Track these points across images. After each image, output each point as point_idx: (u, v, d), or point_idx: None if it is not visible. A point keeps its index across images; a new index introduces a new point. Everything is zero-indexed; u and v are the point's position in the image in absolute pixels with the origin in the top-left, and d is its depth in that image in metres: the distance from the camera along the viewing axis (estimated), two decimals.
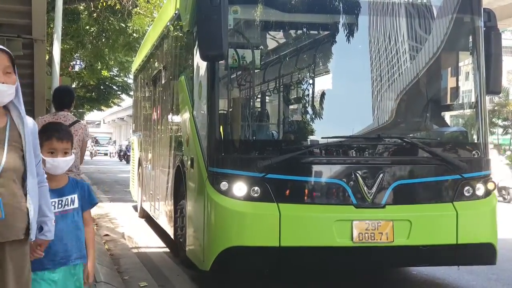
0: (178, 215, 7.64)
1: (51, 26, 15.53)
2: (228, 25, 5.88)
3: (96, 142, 65.72)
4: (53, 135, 3.29)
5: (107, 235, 10.39)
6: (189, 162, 6.78)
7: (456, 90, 7.12)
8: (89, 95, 32.69)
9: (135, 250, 9.28)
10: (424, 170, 6.28)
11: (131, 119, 17.69)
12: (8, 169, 2.67)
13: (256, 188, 5.71)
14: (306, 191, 6.03)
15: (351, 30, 6.35)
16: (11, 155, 2.70)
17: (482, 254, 6.14)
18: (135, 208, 13.77)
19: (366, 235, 5.69)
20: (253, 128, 6.64)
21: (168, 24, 9.13)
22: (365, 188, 5.77)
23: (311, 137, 6.43)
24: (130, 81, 27.16)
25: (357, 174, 5.81)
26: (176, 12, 8.18)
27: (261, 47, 6.78)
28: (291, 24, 6.76)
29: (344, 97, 6.51)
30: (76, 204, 3.29)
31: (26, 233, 2.74)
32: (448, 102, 7.23)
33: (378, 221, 5.74)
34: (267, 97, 7.02)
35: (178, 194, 7.70)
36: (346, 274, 7.08)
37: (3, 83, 2.69)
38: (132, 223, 12.18)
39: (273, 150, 6.16)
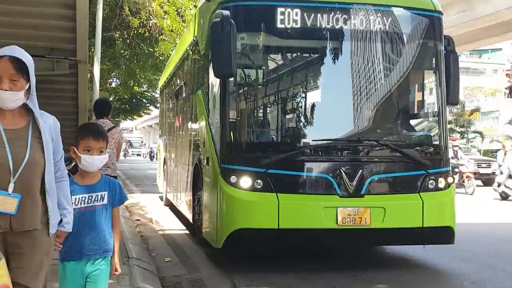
0: (196, 204, 7.63)
1: (92, 50, 15.60)
2: (236, 49, 5.91)
3: (130, 144, 65.45)
4: (90, 135, 3.07)
5: (138, 220, 10.43)
6: (205, 161, 6.75)
7: (422, 102, 7.20)
8: (123, 106, 32.71)
9: (161, 232, 9.30)
10: (395, 166, 6.37)
11: (158, 126, 17.56)
12: (32, 164, 2.50)
13: (259, 181, 5.83)
14: (299, 183, 6.17)
15: (336, 53, 6.42)
16: (34, 151, 2.53)
17: (443, 235, 6.30)
18: (161, 198, 13.69)
19: (348, 219, 5.84)
20: (256, 132, 6.76)
21: (188, 49, 9.09)
22: (348, 181, 5.91)
23: (303, 140, 6.48)
24: (157, 95, 27.24)
25: (341, 170, 5.94)
26: (194, 39, 8.17)
27: (263, 67, 6.80)
28: (287, 48, 6.83)
29: (331, 107, 6.60)
30: (106, 201, 3.03)
31: (46, 226, 2.56)
32: (416, 112, 7.31)
33: (358, 208, 5.88)
34: (268, 108, 7.08)
35: (196, 186, 7.65)
36: (330, 253, 7.09)
37: (6, 90, 2.46)
38: (158, 210, 12.17)
39: (273, 150, 6.29)
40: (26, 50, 2.68)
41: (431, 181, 6.28)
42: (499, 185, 15.24)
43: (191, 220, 8.27)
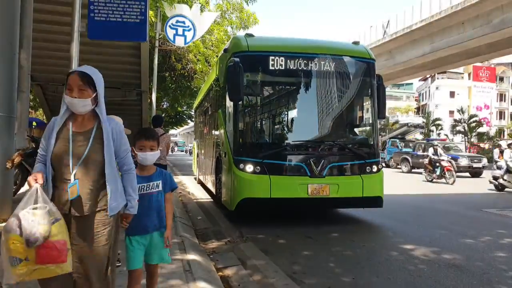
0: (217, 182, 7.72)
1: (151, 84, 15.66)
2: (243, 82, 6.13)
3: (176, 144, 65.13)
4: (142, 136, 2.81)
5: (180, 192, 10.37)
6: (223, 154, 6.87)
7: (362, 117, 7.24)
8: (171, 120, 32.59)
9: (195, 200, 9.28)
10: (345, 158, 6.47)
11: (193, 133, 17.50)
12: (88, 159, 2.15)
13: (258, 167, 6.02)
14: (283, 169, 6.20)
15: (307, 85, 6.58)
16: (93, 148, 2.17)
17: (376, 202, 6.46)
18: (195, 179, 13.64)
19: (315, 191, 6.04)
20: (256, 136, 6.85)
21: (212, 83, 9.13)
22: (314, 168, 6.08)
23: (286, 141, 6.62)
24: (192, 113, 27.31)
25: (310, 160, 6.12)
26: (216, 76, 8.24)
27: (260, 94, 6.95)
28: (275, 82, 7.00)
29: (304, 121, 6.71)
30: (160, 188, 2.75)
31: (105, 210, 2.17)
32: (359, 123, 7.32)
33: (321, 184, 6.08)
34: (263, 121, 7.10)
35: (217, 171, 7.73)
36: (301, 216, 7.14)
37: (75, 97, 2.16)
38: (193, 186, 12.16)
39: (266, 148, 6.41)
40: (107, 84, 2.59)
41: (367, 167, 6.43)
42: (496, 178, 12.46)
43: (214, 193, 8.35)
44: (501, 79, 60.50)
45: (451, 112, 53.85)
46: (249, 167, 6.03)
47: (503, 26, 20.42)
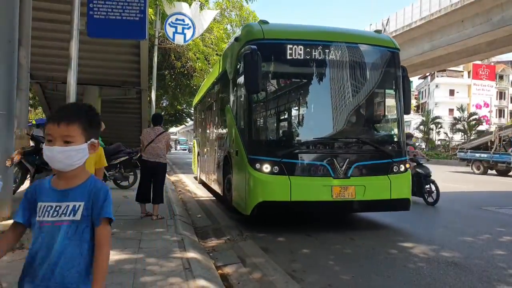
0: (226, 183, 7.07)
1: (150, 82, 15.65)
2: (261, 72, 5.50)
3: (178, 142, 64.74)
4: (50, 118, 1.48)
5: (180, 190, 10.39)
6: (235, 153, 6.25)
7: (388, 112, 6.74)
8: (170, 119, 32.60)
9: (195, 198, 9.26)
10: (371, 156, 5.91)
11: (192, 131, 17.28)
12: None
13: (276, 167, 5.43)
14: (304, 169, 5.64)
15: (328, 77, 5.91)
16: None
17: (404, 204, 5.94)
18: (194, 178, 13.48)
19: (340, 194, 5.48)
20: (273, 133, 6.38)
21: (217, 77, 8.58)
22: (338, 167, 5.53)
23: (307, 138, 5.89)
24: (192, 111, 27.32)
25: (334, 159, 5.56)
26: (222, 70, 7.88)
27: (277, 85, 6.43)
28: (293, 73, 6.26)
29: (327, 115, 5.93)
30: (78, 216, 1.45)
31: None
32: (384, 119, 6.81)
33: (346, 186, 5.52)
34: (282, 116, 6.61)
35: (225, 170, 7.16)
36: (324, 219, 6.81)
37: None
38: (193, 185, 12.11)
39: (285, 146, 5.76)
40: (107, 82, 2.66)
41: (395, 166, 5.90)
42: None
43: (221, 193, 7.74)
44: (501, 77, 60.49)
45: (451, 110, 53.87)
46: (266, 167, 5.44)
47: (503, 24, 20.39)
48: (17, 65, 4.74)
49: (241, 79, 6.07)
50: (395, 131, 6.55)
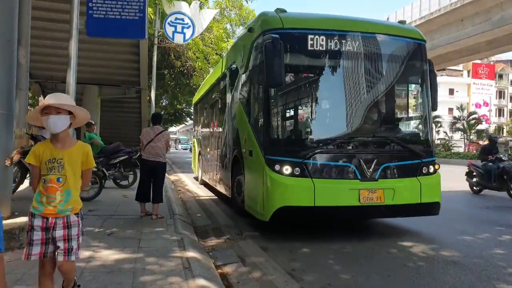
0: (236, 185, 6.58)
1: (150, 81, 15.66)
2: (284, 63, 5.02)
3: (179, 141, 64.45)
4: None
5: (180, 190, 10.39)
6: (248, 153, 5.80)
7: (416, 109, 6.41)
8: (170, 118, 32.62)
9: (195, 198, 9.25)
10: (400, 157, 5.44)
11: (192, 130, 17.04)
12: None
13: (297, 168, 4.96)
14: (329, 170, 5.13)
15: (353, 70, 5.43)
16: None
17: (434, 209, 5.50)
18: (195, 178, 13.33)
19: (367, 198, 5.02)
20: (294, 131, 5.80)
21: (225, 71, 8.06)
22: (366, 169, 5.09)
23: (331, 137, 5.29)
24: (192, 110, 27.35)
25: (360, 160, 5.12)
26: (230, 64, 7.43)
27: (297, 80, 5.87)
28: (315, 66, 5.56)
29: (352, 111, 5.45)
30: None
31: None
32: (412, 116, 6.55)
33: (374, 189, 5.06)
34: (303, 112, 5.93)
35: (234, 172, 6.73)
36: (346, 225, 6.31)
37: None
38: (193, 184, 12.10)
39: (307, 145, 5.22)
40: (107, 82, 2.65)
41: (424, 167, 5.48)
42: None
43: (228, 195, 7.32)
44: (500, 76, 60.53)
45: (450, 110, 53.89)
46: (287, 169, 4.97)
47: (503, 23, 20.40)
48: (16, 64, 4.73)
49: (256, 73, 5.74)
50: (424, 129, 6.08)
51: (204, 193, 9.99)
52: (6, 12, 4.53)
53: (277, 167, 5.01)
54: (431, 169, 5.56)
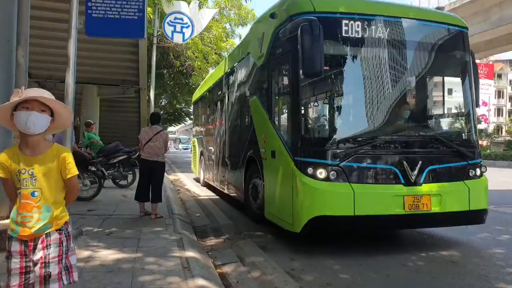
0: (253, 189, 6.04)
1: (149, 81, 15.64)
2: (323, 50, 4.35)
3: (180, 141, 64.18)
4: None
5: (178, 189, 10.37)
6: (269, 154, 5.26)
7: (460, 105, 5.54)
8: (169, 117, 32.60)
9: (194, 197, 9.26)
10: (446, 158, 4.87)
11: (191, 130, 16.77)
12: None
13: (333, 172, 4.35)
14: (369, 174, 4.55)
15: (392, 60, 4.86)
16: None
17: (481, 216, 4.91)
18: (195, 179, 13.07)
19: (413, 205, 4.44)
20: (329, 129, 5.01)
21: (235, 65, 7.46)
22: (410, 171, 4.49)
23: (371, 135, 4.67)
24: (191, 110, 27.36)
25: (403, 162, 4.51)
26: (243, 58, 6.83)
27: (330, 71, 5.09)
28: (351, 55, 4.84)
29: (393, 107, 4.93)
30: None
31: None
32: (457, 113, 5.87)
33: (420, 195, 4.49)
34: (337, 107, 5.05)
35: (248, 174, 6.24)
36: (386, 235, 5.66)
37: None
38: (192, 184, 12.09)
39: (344, 145, 4.54)
40: (106, 81, 2.61)
41: (471, 170, 4.93)
42: None
43: (241, 200, 6.80)
44: (499, 76, 60.59)
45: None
46: (321, 172, 4.35)
47: (502, 23, 20.44)
48: (15, 64, 4.73)
49: (280, 63, 5.26)
50: (468, 127, 5.47)
51: (203, 193, 9.98)
52: (5, 11, 4.52)
53: (309, 170, 4.40)
54: (478, 172, 5.01)
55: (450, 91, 5.76)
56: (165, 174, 6.87)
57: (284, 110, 5.15)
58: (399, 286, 3.65)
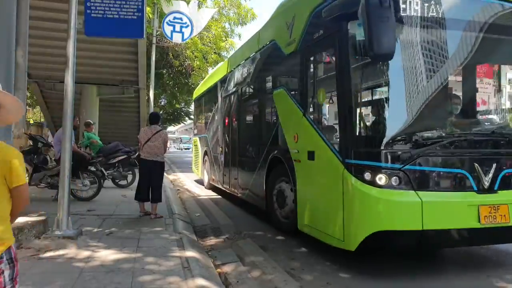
0: (276, 195, 5.46)
1: (149, 81, 15.65)
2: (395, 26, 3.51)
3: (181, 141, 63.92)
4: None
5: (178, 189, 10.36)
6: (303, 155, 4.58)
7: None
8: (169, 117, 32.58)
9: (194, 197, 9.23)
10: None
11: (191, 130, 16.55)
12: None
13: (396, 177, 3.61)
14: (438, 180, 3.80)
15: (471, 45, 4.03)
16: None
17: None
18: (197, 181, 12.71)
19: (490, 217, 3.69)
20: (390, 126, 3.84)
21: (250, 57, 6.81)
22: (483, 176, 3.76)
23: (439, 134, 3.98)
24: (191, 109, 27.35)
25: (476, 165, 3.77)
26: (266, 46, 6.05)
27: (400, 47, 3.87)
28: (422, 37, 3.91)
29: (465, 103, 4.42)
30: None
31: None
32: None
33: (497, 205, 3.73)
34: (401, 99, 3.91)
35: (271, 178, 5.65)
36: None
37: None
38: (192, 184, 12.03)
39: (408, 145, 3.78)
40: (105, 81, 2.61)
41: None
42: None
43: (261, 206, 6.12)
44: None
45: None
46: (381, 178, 3.59)
47: None
48: (14, 64, 4.73)
49: (321, 48, 4.55)
50: None
51: (203, 193, 9.97)
52: (4, 11, 4.52)
53: (366, 175, 3.66)
54: None
55: None
56: (165, 174, 6.87)
57: (327, 104, 4.42)
58: (399, 285, 3.65)
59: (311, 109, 4.66)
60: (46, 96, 14.42)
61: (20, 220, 4.20)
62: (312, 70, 4.73)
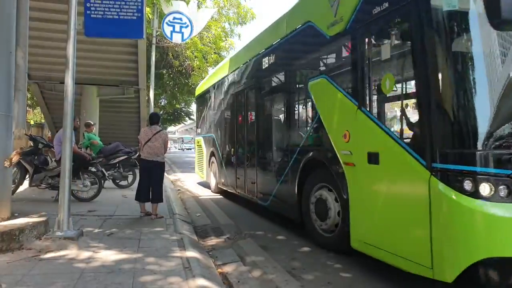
0: (315, 206, 4.72)
1: (149, 81, 15.66)
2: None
3: (182, 141, 63.85)
4: None
5: (179, 189, 10.35)
6: (361, 158, 3.72)
7: None
8: (169, 118, 32.58)
9: (194, 197, 9.21)
10: None
11: (192, 130, 16.40)
12: None
13: (503, 187, 2.75)
14: None
15: None
16: None
17: None
18: (202, 184, 12.59)
19: None
20: (496, 118, 2.88)
21: (275, 43, 5.94)
22: None
23: None
24: (191, 109, 27.37)
25: None
26: (301, 27, 5.08)
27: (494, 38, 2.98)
28: None
29: None
30: None
31: None
32: None
33: None
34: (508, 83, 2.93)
35: (305, 186, 4.93)
36: None
37: None
38: (192, 184, 12.01)
39: None
40: (105, 82, 2.61)
41: None
42: None
43: (292, 217, 5.38)
44: None
45: None
46: (485, 188, 2.75)
47: None
48: (14, 65, 4.73)
49: (386, 25, 3.58)
50: None
51: (203, 193, 9.96)
52: (4, 12, 4.52)
53: (467, 185, 2.78)
54: None
55: None
56: (165, 174, 6.87)
57: (396, 94, 3.57)
58: (400, 285, 3.64)
59: (369, 101, 3.78)
60: (46, 97, 14.43)
61: (21, 221, 4.21)
62: (369, 53, 3.83)
